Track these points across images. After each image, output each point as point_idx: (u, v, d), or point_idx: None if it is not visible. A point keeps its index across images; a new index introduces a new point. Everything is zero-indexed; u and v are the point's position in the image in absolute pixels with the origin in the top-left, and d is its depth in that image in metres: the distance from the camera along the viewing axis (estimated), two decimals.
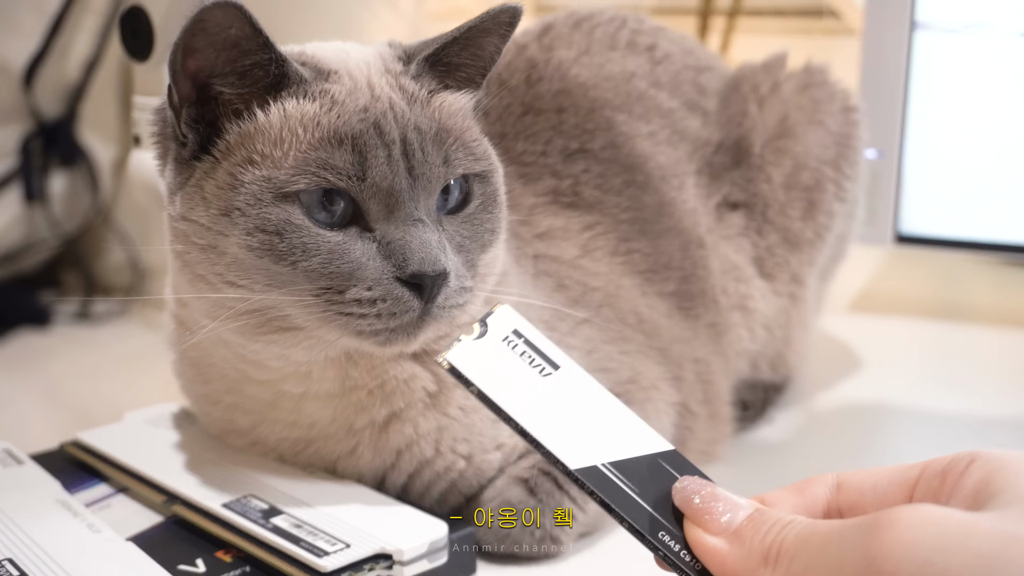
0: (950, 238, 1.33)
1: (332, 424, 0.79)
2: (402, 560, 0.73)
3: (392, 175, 0.71)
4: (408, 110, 0.74)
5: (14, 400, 1.19)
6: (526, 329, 0.62)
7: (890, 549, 0.46)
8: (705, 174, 1.07)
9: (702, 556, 0.55)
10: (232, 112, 0.73)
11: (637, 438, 0.59)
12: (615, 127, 1.02)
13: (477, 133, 0.79)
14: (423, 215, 0.72)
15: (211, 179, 0.72)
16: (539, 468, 0.82)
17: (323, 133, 0.71)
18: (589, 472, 0.57)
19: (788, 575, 0.51)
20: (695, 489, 0.56)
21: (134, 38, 0.98)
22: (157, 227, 0.82)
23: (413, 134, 0.73)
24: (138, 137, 1.02)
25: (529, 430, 0.57)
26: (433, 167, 0.73)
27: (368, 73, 0.75)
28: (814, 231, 1.09)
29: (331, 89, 0.73)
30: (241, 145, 0.72)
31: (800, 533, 0.51)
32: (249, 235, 0.70)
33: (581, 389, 0.60)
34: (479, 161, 0.77)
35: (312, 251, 0.70)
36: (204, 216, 0.72)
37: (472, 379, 0.58)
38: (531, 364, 0.60)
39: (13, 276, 1.53)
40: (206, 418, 0.87)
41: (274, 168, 0.71)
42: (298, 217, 0.70)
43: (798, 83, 1.12)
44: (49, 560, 0.71)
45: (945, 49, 1.29)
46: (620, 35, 1.10)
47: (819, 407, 1.14)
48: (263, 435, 0.82)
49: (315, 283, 0.70)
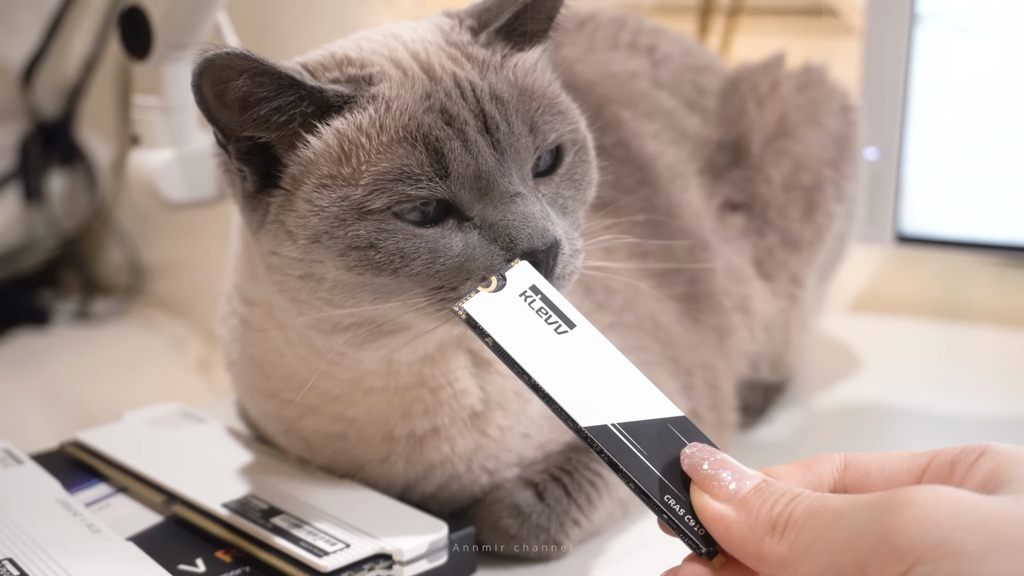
0: (951, 238, 1.33)
1: (373, 426, 0.79)
2: (402, 560, 0.73)
3: (475, 159, 0.67)
4: (481, 80, 0.69)
5: (14, 400, 1.19)
6: (544, 286, 0.61)
7: (906, 526, 0.46)
8: (707, 174, 1.07)
9: (707, 522, 0.55)
10: (286, 144, 0.69)
11: (648, 401, 0.59)
12: (623, 124, 1.02)
13: (559, 87, 0.75)
14: (520, 187, 0.68)
15: (289, 212, 0.69)
16: (550, 473, 0.82)
17: (389, 137, 0.67)
18: (599, 431, 0.56)
19: (795, 546, 0.51)
20: (704, 455, 0.56)
21: (133, 37, 0.97)
22: (156, 227, 0.81)
23: (491, 106, 0.68)
24: (137, 136, 1.02)
25: (542, 384, 0.57)
26: (520, 137, 0.68)
27: (424, 54, 0.70)
28: (813, 232, 1.08)
29: (381, 90, 0.68)
30: (308, 173, 0.68)
31: (811, 506, 0.51)
32: (343, 255, 0.67)
33: (596, 349, 0.60)
34: (568, 121, 0.72)
35: (411, 255, 0.66)
36: (293, 249, 0.69)
37: (488, 330, 0.58)
38: (547, 321, 0.60)
39: (12, 276, 1.53)
40: (256, 408, 0.86)
41: (349, 186, 0.67)
42: (389, 223, 0.66)
43: (797, 83, 1.12)
44: (49, 560, 0.71)
45: (946, 47, 1.28)
46: (621, 35, 1.10)
47: (819, 407, 1.14)
48: (303, 424, 0.81)
49: (425, 285, 0.67)
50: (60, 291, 1.60)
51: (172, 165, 0.99)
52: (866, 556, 0.47)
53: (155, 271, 1.54)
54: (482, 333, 0.58)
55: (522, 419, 0.81)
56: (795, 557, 0.50)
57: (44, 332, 1.46)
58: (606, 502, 0.84)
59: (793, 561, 0.51)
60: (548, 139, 0.70)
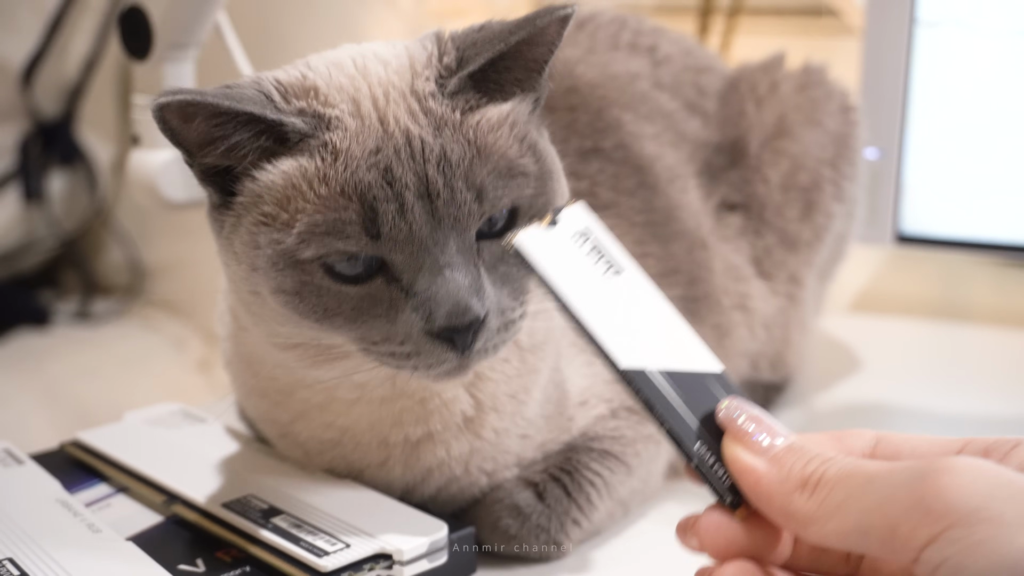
0: (951, 238, 1.33)
1: (366, 433, 0.79)
2: (402, 560, 0.73)
3: (408, 225, 0.65)
4: (433, 140, 0.66)
5: (14, 400, 1.19)
6: (596, 229, 0.61)
7: (943, 491, 0.46)
8: (705, 175, 1.07)
9: (737, 473, 0.55)
10: (241, 172, 0.69)
11: (690, 353, 0.58)
12: (623, 126, 1.02)
13: (529, 142, 0.70)
14: (452, 258, 0.65)
15: (237, 235, 0.69)
16: (549, 473, 0.82)
17: (328, 191, 0.65)
18: (638, 374, 0.56)
19: (824, 504, 0.51)
20: (741, 409, 0.56)
21: (133, 37, 0.97)
22: (156, 227, 0.81)
23: (435, 171, 0.65)
24: (137, 136, 1.02)
25: (586, 322, 0.57)
26: (463, 205, 0.66)
27: (384, 100, 0.68)
28: (812, 232, 1.08)
29: (333, 139, 0.66)
30: (254, 204, 0.68)
31: (844, 467, 0.51)
32: (274, 294, 0.68)
33: (642, 295, 0.60)
34: (528, 183, 0.69)
35: (334, 310, 0.67)
36: (239, 269, 0.70)
37: (537, 264, 0.58)
38: (597, 263, 0.60)
39: (12, 276, 1.53)
40: (251, 407, 0.86)
41: (283, 231, 0.66)
42: (317, 275, 0.66)
43: (796, 83, 1.12)
44: (49, 560, 0.71)
45: (947, 47, 1.28)
46: (622, 36, 1.10)
47: (819, 407, 1.14)
48: (297, 430, 0.82)
49: (348, 336, 0.69)
50: (60, 291, 1.60)
51: (172, 165, 0.99)
52: (898, 517, 0.47)
53: (155, 271, 1.54)
54: (530, 267, 0.58)
55: (518, 421, 0.81)
56: (822, 515, 0.51)
57: (44, 332, 1.46)
58: (606, 502, 0.84)
59: (820, 519, 0.51)
60: (499, 204, 0.67)
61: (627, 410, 0.87)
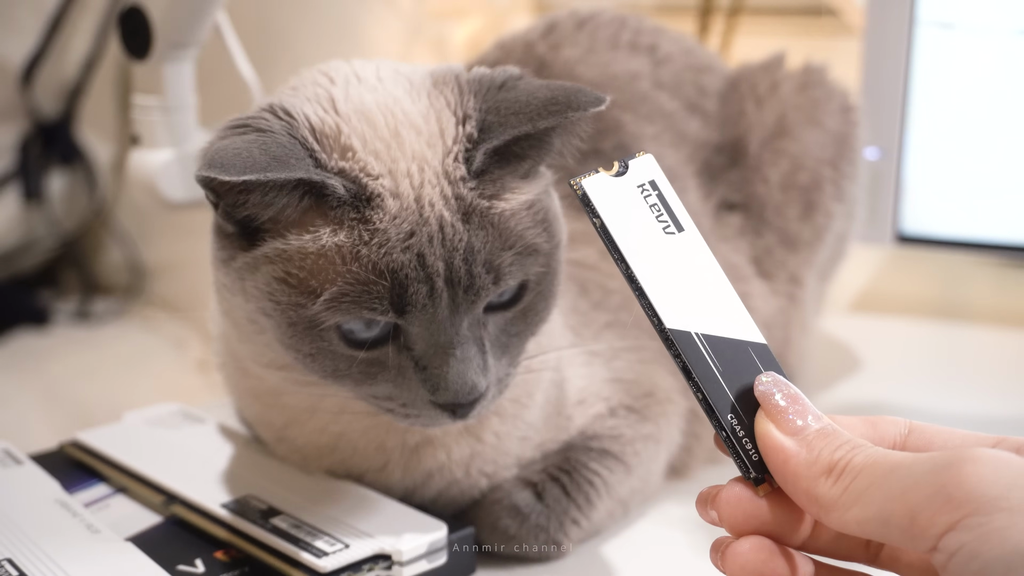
0: (951, 238, 1.33)
1: (361, 438, 0.79)
2: (401, 561, 0.73)
3: (434, 307, 0.66)
4: (462, 228, 0.67)
5: (13, 400, 1.19)
6: (663, 184, 0.60)
7: (965, 479, 0.46)
8: (705, 175, 1.07)
9: (766, 450, 0.54)
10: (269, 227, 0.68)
11: (735, 321, 0.58)
12: (623, 128, 1.02)
13: (545, 221, 0.71)
14: (464, 336, 0.67)
15: (251, 278, 0.69)
16: (548, 473, 0.82)
17: (360, 267, 0.66)
18: (681, 335, 0.56)
19: (848, 491, 0.51)
20: (779, 387, 0.56)
21: (133, 37, 0.97)
22: (156, 227, 0.81)
23: (460, 260, 0.67)
24: (137, 136, 1.02)
25: (638, 276, 0.57)
26: (481, 289, 0.67)
27: (420, 179, 0.68)
28: (812, 231, 1.08)
29: (372, 217, 0.66)
30: (279, 259, 0.67)
31: (871, 455, 0.51)
32: (282, 343, 0.69)
33: (697, 257, 0.59)
34: (538, 261, 0.70)
35: (343, 372, 0.69)
36: (244, 306, 0.71)
37: (599, 210, 0.57)
38: (658, 218, 0.59)
39: (12, 276, 1.53)
40: (246, 408, 0.86)
41: (308, 297, 0.66)
42: (331, 338, 0.67)
43: (796, 83, 1.12)
44: (48, 560, 0.71)
45: (947, 46, 1.28)
46: (622, 35, 1.09)
47: (819, 407, 1.13)
48: (292, 435, 0.82)
49: (349, 391, 0.71)
50: (60, 291, 1.60)
51: (172, 165, 0.99)
52: (918, 504, 0.47)
53: (155, 271, 1.54)
54: (593, 212, 0.58)
55: (519, 424, 0.81)
56: (845, 501, 0.51)
57: (44, 332, 1.46)
58: (606, 502, 0.84)
59: (843, 505, 0.51)
60: (511, 282, 0.69)
61: (626, 409, 0.87)
